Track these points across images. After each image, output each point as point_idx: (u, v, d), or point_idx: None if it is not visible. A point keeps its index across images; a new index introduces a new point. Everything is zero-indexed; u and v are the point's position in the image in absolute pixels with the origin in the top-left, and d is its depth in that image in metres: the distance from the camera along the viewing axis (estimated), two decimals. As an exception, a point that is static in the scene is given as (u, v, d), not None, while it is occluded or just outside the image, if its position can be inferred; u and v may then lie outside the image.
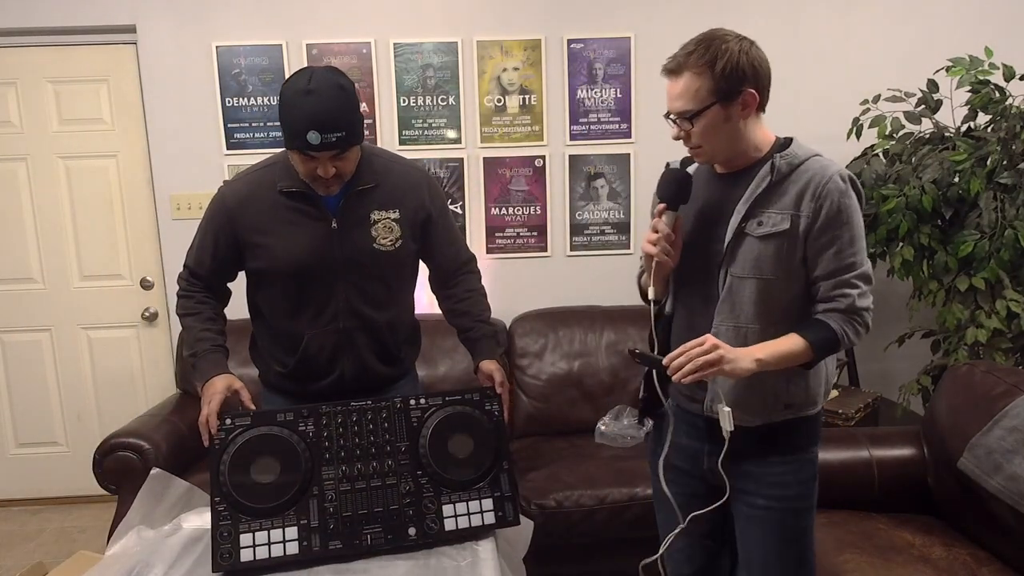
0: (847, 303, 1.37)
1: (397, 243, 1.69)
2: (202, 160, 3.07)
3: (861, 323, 1.40)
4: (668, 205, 1.44)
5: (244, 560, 1.33)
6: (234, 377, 1.62)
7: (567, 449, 2.71)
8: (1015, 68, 2.52)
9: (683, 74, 1.37)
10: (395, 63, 3.04)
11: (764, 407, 1.44)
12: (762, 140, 1.44)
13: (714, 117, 1.36)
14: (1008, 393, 1.93)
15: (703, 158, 1.45)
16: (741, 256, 1.40)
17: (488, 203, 3.16)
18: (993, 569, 1.81)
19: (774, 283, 1.39)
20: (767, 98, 1.41)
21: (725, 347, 1.33)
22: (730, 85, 1.34)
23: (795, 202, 1.37)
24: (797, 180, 1.38)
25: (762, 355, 1.35)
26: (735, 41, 1.36)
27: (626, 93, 3.10)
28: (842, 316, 1.38)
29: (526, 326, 3.03)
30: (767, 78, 1.39)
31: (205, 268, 1.72)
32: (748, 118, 1.39)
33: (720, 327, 1.43)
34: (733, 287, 1.42)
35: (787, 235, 1.37)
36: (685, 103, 1.37)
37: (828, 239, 1.37)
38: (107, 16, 2.98)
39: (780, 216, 1.38)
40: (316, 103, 1.46)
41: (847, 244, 1.36)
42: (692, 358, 1.31)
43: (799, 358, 1.38)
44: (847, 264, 1.37)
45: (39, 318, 3.22)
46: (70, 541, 2.99)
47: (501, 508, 1.48)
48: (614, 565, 2.48)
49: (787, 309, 1.41)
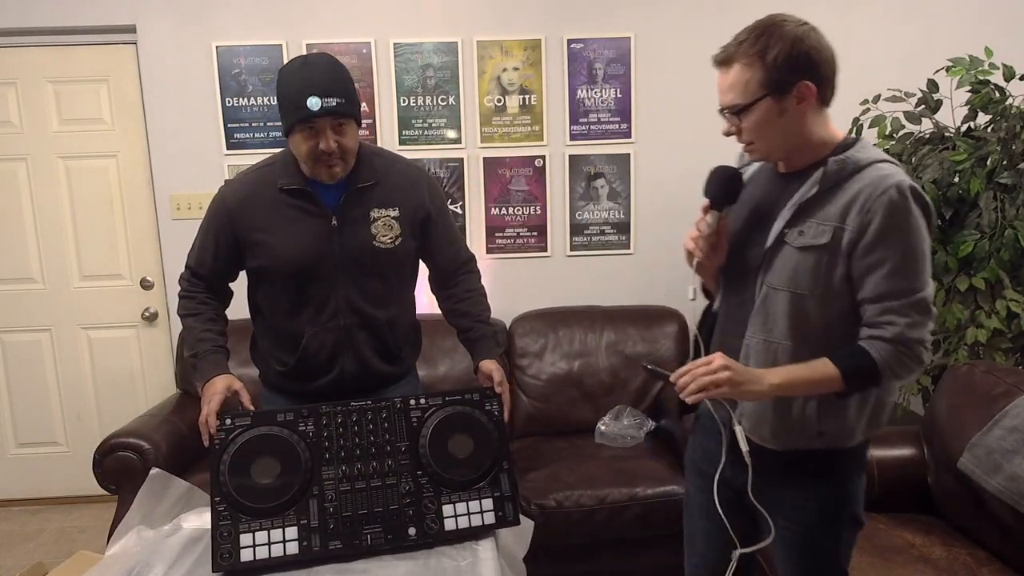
0: (894, 332, 1.22)
1: (397, 241, 1.69)
2: (202, 160, 3.07)
3: (911, 356, 1.24)
4: (712, 204, 1.37)
5: (244, 560, 1.33)
6: (234, 378, 1.63)
7: (567, 449, 2.71)
8: (1015, 68, 2.52)
9: (733, 65, 1.26)
10: (395, 63, 3.04)
11: (790, 432, 1.33)
12: (827, 137, 1.31)
13: (766, 111, 1.25)
14: (1008, 393, 1.93)
15: (757, 155, 1.35)
16: (778, 265, 1.30)
17: (488, 203, 3.16)
18: (993, 569, 1.81)
19: (808, 299, 1.27)
20: (831, 91, 1.29)
21: (736, 368, 1.24)
22: (783, 76, 1.22)
23: (841, 213, 1.24)
24: (849, 189, 1.24)
25: (779, 379, 1.25)
26: (792, 27, 1.23)
27: (626, 93, 3.10)
28: (887, 346, 1.23)
29: (526, 326, 3.03)
30: (829, 68, 1.26)
31: (207, 268, 1.72)
32: (807, 112, 1.26)
33: (751, 339, 1.34)
34: (768, 298, 1.31)
35: (826, 249, 1.25)
36: (734, 96, 1.27)
37: (877, 259, 1.22)
38: (107, 16, 2.98)
39: (821, 227, 1.25)
40: (314, 72, 1.52)
41: (900, 266, 1.21)
42: (696, 377, 1.24)
43: (828, 386, 1.26)
44: (898, 289, 1.22)
45: (39, 318, 3.22)
46: (70, 541, 2.99)
47: (501, 508, 1.48)
48: (614, 565, 2.48)
49: (825, 329, 1.29)
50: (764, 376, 1.25)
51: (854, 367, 1.24)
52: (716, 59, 1.29)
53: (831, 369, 1.24)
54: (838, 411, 1.31)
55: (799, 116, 1.26)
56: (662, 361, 2.96)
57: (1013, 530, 1.81)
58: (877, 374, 1.24)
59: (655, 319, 3.03)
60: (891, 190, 1.20)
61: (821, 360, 1.26)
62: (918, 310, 1.23)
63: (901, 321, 1.22)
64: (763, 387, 1.25)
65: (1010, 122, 2.45)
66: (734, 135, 1.32)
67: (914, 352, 1.24)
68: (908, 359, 1.24)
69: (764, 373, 1.26)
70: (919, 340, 1.24)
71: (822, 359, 1.25)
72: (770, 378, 1.25)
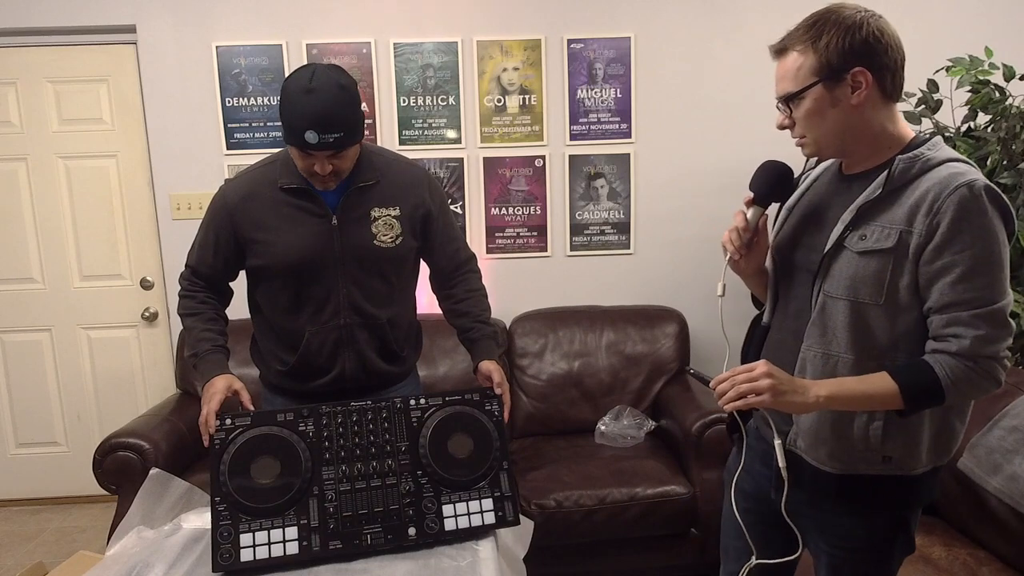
0: (960, 346, 1.12)
1: (397, 240, 1.69)
2: (202, 160, 3.07)
3: (981, 374, 1.13)
4: (756, 199, 1.30)
5: (244, 560, 1.33)
6: (234, 377, 1.63)
7: (567, 449, 2.71)
8: (1015, 68, 2.52)
9: (788, 54, 1.20)
10: (395, 63, 3.04)
11: (851, 454, 1.23)
12: (893, 135, 1.21)
13: (817, 100, 1.18)
14: (1008, 393, 1.93)
15: (808, 150, 1.25)
16: (836, 272, 1.20)
17: (488, 203, 3.16)
18: (993, 569, 1.81)
19: (872, 309, 1.17)
20: (896, 84, 1.18)
21: (780, 376, 1.15)
22: (836, 62, 1.15)
23: (908, 215, 1.14)
24: (917, 188, 1.15)
25: (827, 392, 1.15)
26: (849, 13, 1.16)
27: (626, 93, 3.10)
28: (953, 361, 1.12)
29: (526, 326, 3.03)
30: (892, 58, 1.16)
31: (207, 267, 1.72)
32: (865, 105, 1.17)
33: (808, 351, 1.24)
34: (826, 307, 1.22)
35: (891, 254, 1.15)
36: (786, 84, 1.20)
37: (944, 264, 1.12)
38: (107, 16, 2.98)
39: (886, 231, 1.15)
40: (315, 103, 1.47)
41: (969, 272, 1.10)
42: (736, 384, 1.16)
43: (885, 403, 1.16)
44: (967, 298, 1.11)
45: (39, 318, 3.22)
46: (70, 541, 2.99)
47: (501, 508, 1.48)
48: (614, 565, 2.48)
49: (892, 344, 1.18)
50: (810, 387, 1.16)
51: (915, 383, 1.14)
52: (773, 49, 1.23)
53: (889, 384, 1.14)
54: (908, 433, 1.20)
55: (855, 108, 1.17)
56: (662, 361, 2.96)
57: (1013, 530, 1.81)
58: (940, 392, 1.13)
59: (655, 319, 3.03)
60: (962, 188, 1.10)
61: (879, 374, 1.16)
62: (990, 322, 1.12)
63: (969, 334, 1.11)
64: (808, 398, 1.15)
65: (1010, 122, 2.45)
66: (788, 128, 1.24)
67: (984, 369, 1.12)
68: (978, 376, 1.13)
69: (811, 384, 1.17)
70: (991, 356, 1.12)
71: (880, 373, 1.16)
72: (817, 390, 1.16)
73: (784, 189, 1.31)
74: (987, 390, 1.15)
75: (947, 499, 2.05)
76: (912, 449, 1.21)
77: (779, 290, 1.35)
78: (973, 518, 1.95)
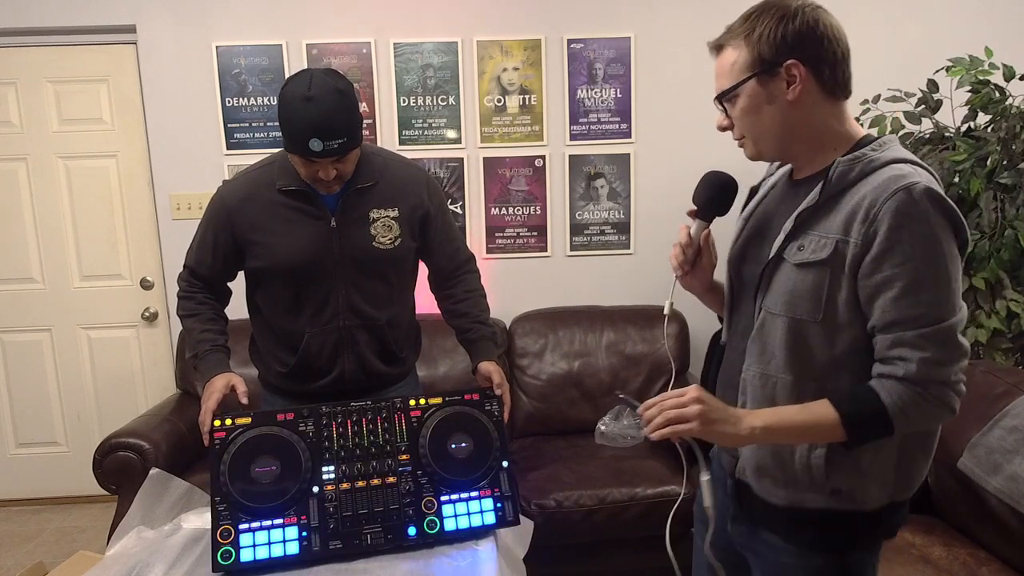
0: (907, 370, 1.00)
1: (396, 241, 1.69)
2: (202, 160, 3.07)
3: (931, 400, 1.01)
4: (698, 212, 1.23)
5: (244, 560, 1.33)
6: (233, 374, 1.63)
7: (567, 449, 2.71)
8: (1015, 68, 2.52)
9: (724, 49, 1.13)
10: (395, 63, 3.04)
11: (795, 485, 1.13)
12: (839, 135, 1.12)
13: (752, 97, 1.10)
14: (1008, 393, 1.93)
15: (748, 152, 1.17)
16: (775, 286, 1.12)
17: (488, 203, 3.16)
18: (993, 569, 1.81)
19: (810, 327, 1.08)
20: (838, 78, 1.10)
21: (712, 403, 1.07)
22: (768, 55, 1.07)
23: (845, 224, 1.04)
24: (856, 194, 1.05)
25: (762, 422, 1.06)
26: (787, 3, 1.08)
27: (626, 93, 3.10)
28: (899, 387, 1.01)
29: (526, 326, 3.03)
30: (830, 49, 1.08)
31: (206, 267, 1.72)
32: (802, 101, 1.08)
33: (748, 371, 1.16)
34: (765, 325, 1.13)
35: (828, 266, 1.05)
36: (722, 82, 1.13)
37: (884, 278, 1.01)
38: (107, 16, 2.98)
39: (823, 240, 1.06)
40: (317, 110, 1.46)
41: (912, 287, 0.99)
42: (664, 409, 1.07)
43: (827, 434, 1.05)
44: (911, 316, 1.00)
45: (39, 318, 3.22)
46: (70, 541, 2.99)
47: (501, 508, 1.48)
48: (614, 565, 2.48)
49: (833, 364, 1.08)
50: (745, 417, 1.07)
51: (857, 411, 1.03)
52: (711, 46, 1.16)
53: (830, 413, 1.04)
54: (856, 463, 1.09)
55: (792, 104, 1.08)
56: (662, 361, 2.96)
57: (1013, 530, 1.81)
58: (887, 421, 1.02)
59: (655, 319, 3.03)
60: (901, 193, 0.99)
61: (820, 402, 1.06)
62: (939, 343, 1.00)
63: (916, 356, 1.00)
64: (741, 429, 1.06)
65: (1010, 122, 2.45)
66: (728, 129, 1.17)
67: (935, 395, 1.01)
68: (928, 403, 1.01)
69: (746, 414, 1.08)
70: (941, 380, 1.00)
71: (821, 401, 1.06)
72: (752, 420, 1.06)
73: (727, 201, 1.23)
74: (939, 418, 1.04)
75: (947, 499, 2.05)
76: (862, 482, 1.09)
77: (732, 306, 1.26)
78: (973, 518, 1.95)
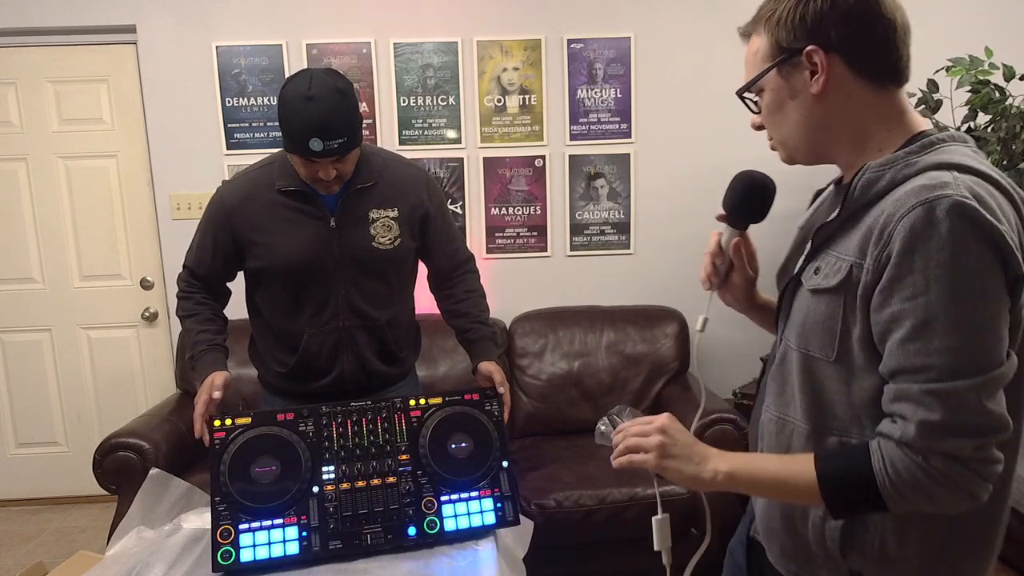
0: (903, 431, 0.79)
1: (396, 242, 1.69)
2: (202, 160, 3.07)
3: (936, 476, 0.78)
4: (728, 218, 1.06)
5: (244, 560, 1.33)
6: (220, 372, 1.61)
7: (567, 449, 2.71)
8: (1015, 68, 2.52)
9: (752, 36, 0.95)
10: (395, 63, 3.04)
11: (806, 556, 0.94)
12: (889, 132, 0.90)
13: (775, 91, 0.92)
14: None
15: (781, 156, 0.99)
16: (794, 314, 0.94)
17: (488, 203, 3.16)
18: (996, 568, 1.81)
19: (823, 367, 0.89)
20: (884, 61, 0.88)
21: (676, 436, 0.94)
22: (787, 42, 0.89)
23: (860, 244, 0.85)
24: (880, 207, 0.84)
25: (729, 467, 0.90)
26: None
27: (626, 93, 3.10)
28: (898, 451, 0.80)
29: (526, 326, 3.03)
30: (867, 28, 0.86)
31: (205, 267, 1.72)
32: (830, 94, 0.88)
33: (766, 412, 0.99)
34: (786, 359, 0.95)
35: (840, 295, 0.86)
36: (747, 73, 0.96)
37: (891, 314, 0.80)
38: (107, 16, 2.98)
39: (838, 263, 0.87)
40: (317, 110, 1.46)
41: (921, 328, 0.77)
42: (627, 436, 0.97)
43: (801, 494, 0.87)
44: (918, 364, 0.78)
45: (39, 318, 3.22)
46: (70, 541, 2.99)
47: (501, 508, 1.48)
48: (614, 565, 2.48)
49: (851, 414, 0.87)
50: (711, 458, 0.92)
51: (838, 474, 0.83)
52: (740, 32, 0.99)
53: (808, 469, 0.85)
54: (876, 542, 0.87)
55: (818, 98, 0.89)
56: (662, 361, 2.96)
57: (1013, 530, 1.81)
58: (873, 491, 0.81)
59: (655, 319, 3.03)
60: (919, 209, 0.78)
61: (803, 455, 0.88)
62: (949, 405, 0.76)
63: (916, 416, 0.78)
64: (703, 471, 0.91)
65: (1010, 122, 2.45)
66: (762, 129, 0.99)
67: (939, 471, 0.78)
68: (930, 480, 0.78)
69: (713, 455, 0.92)
70: (949, 454, 0.77)
71: (803, 455, 0.88)
72: (717, 462, 0.91)
73: (757, 206, 1.04)
74: (954, 503, 0.80)
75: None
76: (887, 567, 0.88)
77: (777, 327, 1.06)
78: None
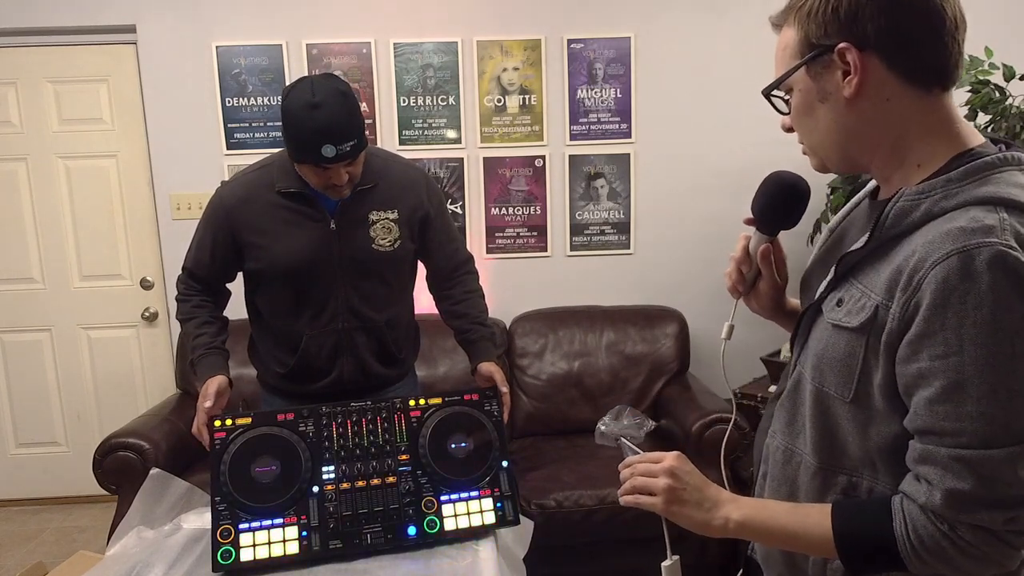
0: (928, 498, 0.73)
1: (396, 244, 1.69)
2: (202, 160, 3.07)
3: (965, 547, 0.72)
4: (757, 223, 0.97)
5: (244, 560, 1.33)
6: (221, 378, 1.62)
7: (567, 449, 2.71)
8: (1015, 68, 2.52)
9: (783, 28, 0.85)
10: (395, 63, 3.04)
11: None
12: (933, 146, 0.80)
13: (804, 93, 0.83)
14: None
15: (813, 163, 0.89)
16: (812, 342, 0.86)
17: (488, 203, 3.16)
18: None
19: (839, 406, 0.82)
20: (930, 61, 0.77)
21: (686, 479, 0.87)
22: (817, 37, 0.79)
23: (888, 283, 0.76)
24: (911, 243, 0.76)
25: (742, 516, 0.84)
26: None
27: (626, 93, 3.10)
28: (923, 516, 0.74)
29: (526, 326, 3.03)
30: (909, 23, 0.75)
31: (204, 269, 1.72)
32: (864, 98, 0.78)
33: (773, 439, 0.92)
34: (800, 385, 0.88)
35: (863, 336, 0.78)
36: (776, 70, 0.86)
37: (919, 370, 0.73)
38: (107, 16, 2.98)
39: (863, 299, 0.79)
40: (325, 116, 1.46)
41: (954, 390, 0.71)
42: (634, 474, 0.91)
43: (817, 549, 0.82)
44: (947, 428, 0.72)
45: (39, 318, 3.22)
46: (70, 541, 2.99)
47: (501, 508, 1.48)
48: (614, 565, 2.48)
49: (867, 458, 0.81)
50: (723, 505, 0.86)
51: (858, 533, 0.78)
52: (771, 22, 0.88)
53: (824, 524, 0.80)
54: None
55: (852, 103, 0.79)
56: (662, 361, 2.96)
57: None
58: (894, 555, 0.76)
59: (655, 319, 3.03)
60: (954, 258, 0.69)
61: (819, 506, 0.82)
62: (980, 475, 0.71)
63: (943, 483, 0.72)
64: (714, 518, 0.85)
65: (1010, 122, 2.45)
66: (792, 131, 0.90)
67: (966, 540, 0.72)
68: (956, 551, 0.73)
69: (725, 501, 0.86)
70: (978, 526, 0.72)
71: (821, 506, 0.82)
72: (729, 510, 0.85)
73: (788, 210, 0.95)
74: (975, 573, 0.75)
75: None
76: None
77: None
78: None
